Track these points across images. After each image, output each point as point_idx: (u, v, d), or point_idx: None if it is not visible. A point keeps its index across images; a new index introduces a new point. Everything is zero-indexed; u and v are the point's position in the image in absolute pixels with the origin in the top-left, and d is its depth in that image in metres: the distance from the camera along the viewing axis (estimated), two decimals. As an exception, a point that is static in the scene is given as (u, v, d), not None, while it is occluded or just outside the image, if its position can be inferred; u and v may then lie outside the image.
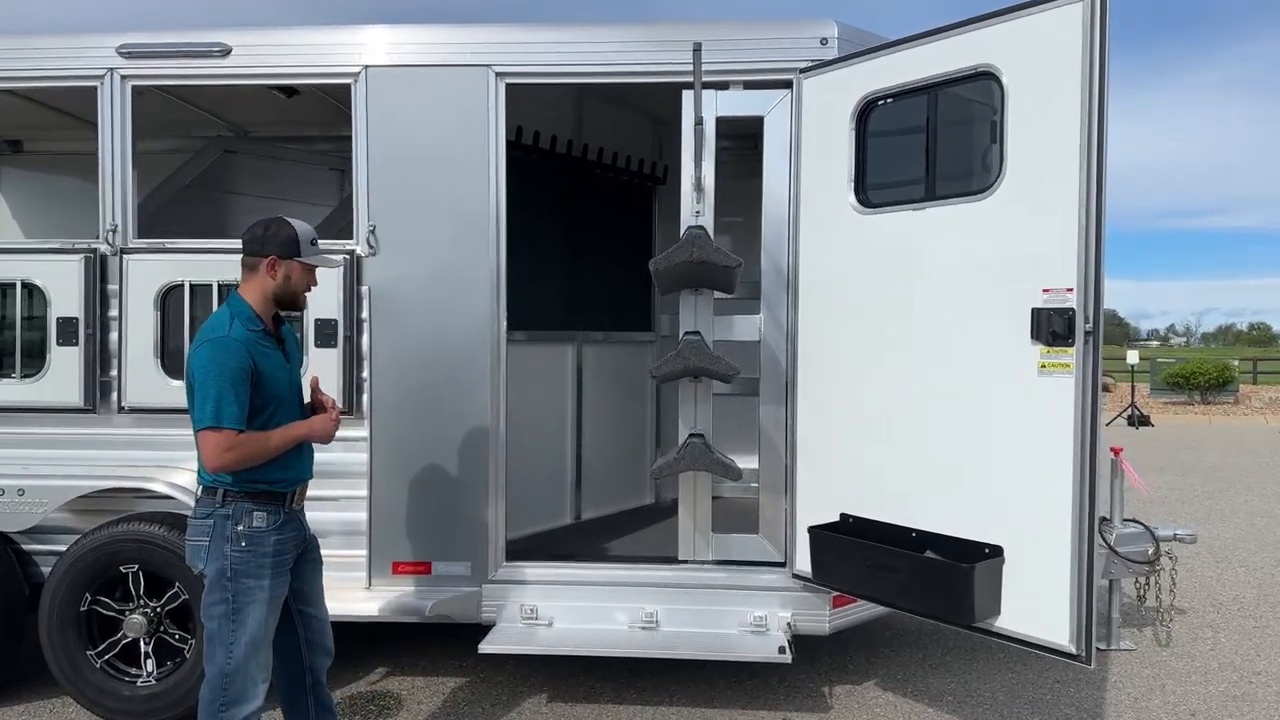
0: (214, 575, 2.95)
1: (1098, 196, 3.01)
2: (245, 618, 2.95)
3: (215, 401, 2.83)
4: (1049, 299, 3.12)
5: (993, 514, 3.29)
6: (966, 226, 3.37)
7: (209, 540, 2.96)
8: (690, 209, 4.12)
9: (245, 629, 2.95)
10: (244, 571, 2.95)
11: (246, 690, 2.97)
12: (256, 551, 2.97)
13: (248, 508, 2.97)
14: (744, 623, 4.09)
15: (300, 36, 4.20)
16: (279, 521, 3.03)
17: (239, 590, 2.94)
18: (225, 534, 2.95)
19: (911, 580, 3.36)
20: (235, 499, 2.96)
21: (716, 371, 3.72)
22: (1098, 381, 3.05)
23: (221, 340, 2.90)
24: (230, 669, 2.94)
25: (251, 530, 2.96)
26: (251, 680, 2.98)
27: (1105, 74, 2.99)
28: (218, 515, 2.96)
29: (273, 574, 3.01)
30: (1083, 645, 3.08)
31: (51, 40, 4.28)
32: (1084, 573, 3.06)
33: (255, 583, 2.96)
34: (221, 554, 2.94)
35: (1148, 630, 5.45)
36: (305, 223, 3.17)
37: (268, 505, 3.01)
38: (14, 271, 4.25)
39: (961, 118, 3.51)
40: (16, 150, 6.30)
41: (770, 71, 4.06)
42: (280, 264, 3.04)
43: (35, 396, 4.22)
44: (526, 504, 5.20)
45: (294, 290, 3.09)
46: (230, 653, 2.94)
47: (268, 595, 2.99)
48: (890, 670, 4.78)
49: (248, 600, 2.95)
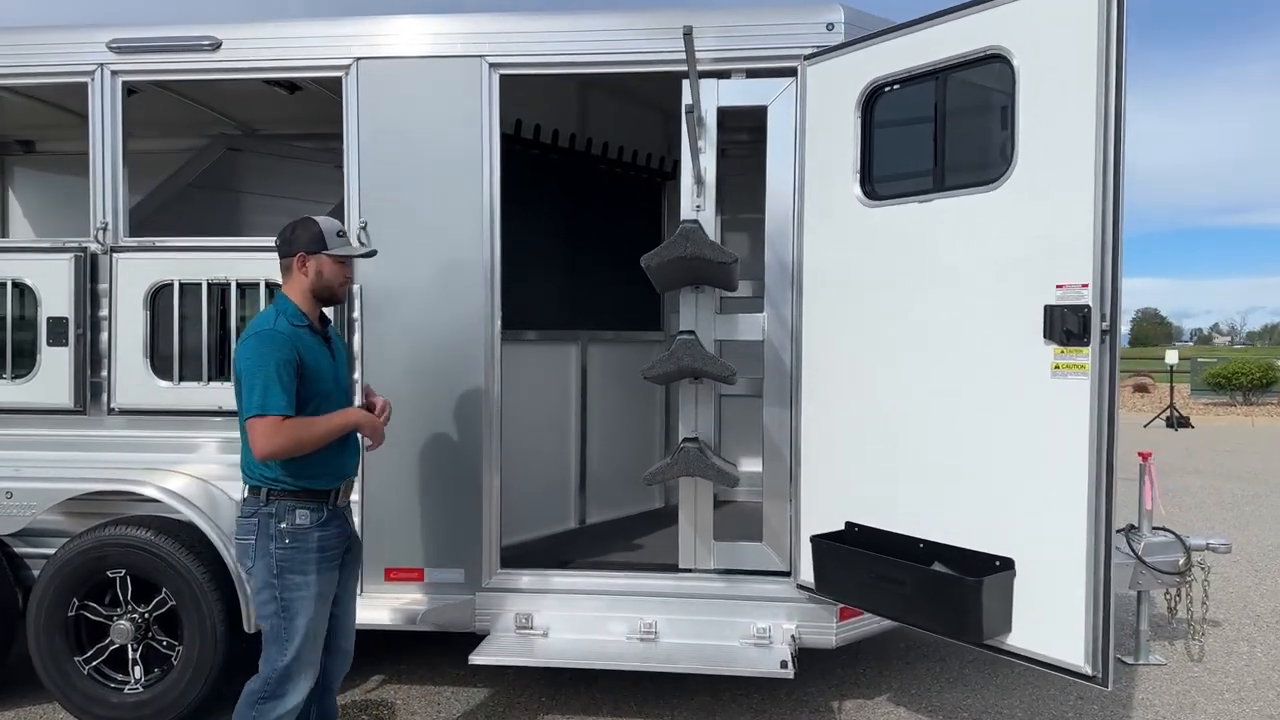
0: (262, 573, 2.98)
1: (1115, 186, 2.81)
2: (295, 614, 2.97)
3: (262, 391, 2.85)
4: (1063, 295, 2.92)
5: (1004, 525, 3.09)
6: (976, 219, 3.17)
7: (255, 539, 2.99)
8: (690, 203, 3.96)
9: (297, 626, 2.97)
10: (290, 568, 2.97)
11: (293, 687, 2.99)
12: (301, 548, 2.98)
13: (290, 505, 2.98)
14: (746, 635, 3.92)
15: (290, 29, 4.10)
16: (322, 518, 3.04)
17: (286, 587, 2.96)
18: (270, 532, 2.97)
19: (917, 594, 3.17)
20: (279, 497, 2.98)
21: (711, 372, 3.56)
22: (1115, 384, 2.85)
23: (266, 333, 2.94)
24: (282, 666, 2.97)
25: (295, 528, 2.98)
26: (298, 677, 3.00)
27: (1123, 55, 2.79)
28: (262, 514, 2.99)
29: (319, 570, 3.01)
30: (1099, 665, 2.87)
31: (42, 36, 4.22)
32: (1100, 587, 2.86)
33: (302, 579, 2.98)
34: (267, 552, 2.97)
35: (1179, 644, 5.19)
36: (331, 218, 3.18)
37: (310, 503, 3.01)
38: (4, 271, 4.19)
39: (971, 104, 3.31)
40: (29, 150, 6.28)
41: (773, 59, 3.89)
42: (309, 260, 3.07)
43: (26, 397, 4.16)
44: (528, 508, 5.07)
45: (328, 284, 3.11)
46: (284, 650, 2.96)
47: (315, 592, 3.00)
48: (904, 684, 4.59)
49: (296, 597, 2.97)
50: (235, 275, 4.08)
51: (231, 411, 4.02)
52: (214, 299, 4.09)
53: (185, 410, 4.09)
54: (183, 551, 3.85)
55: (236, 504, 4.00)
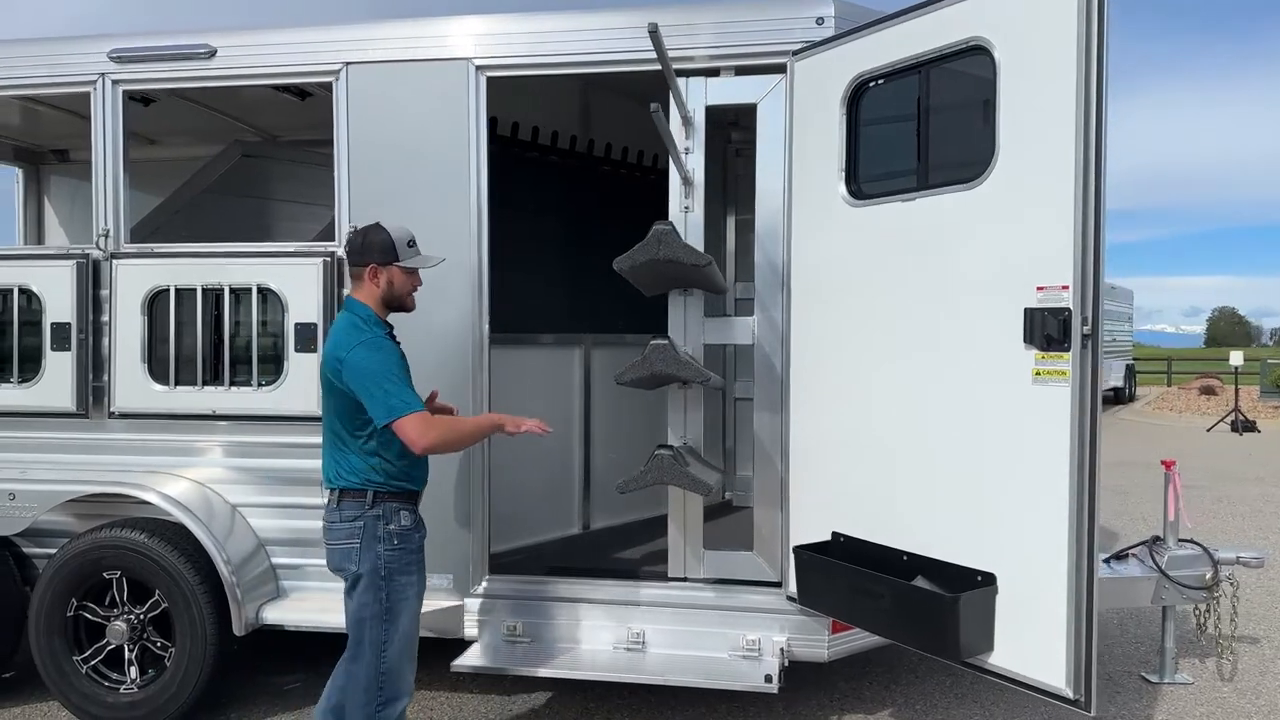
0: (368, 576, 3.00)
1: (1096, 183, 2.66)
2: (399, 614, 3.04)
3: (396, 393, 2.92)
4: (1043, 298, 2.77)
5: (986, 538, 2.96)
6: (958, 218, 3.04)
7: (359, 542, 3.01)
8: (678, 204, 3.89)
9: (399, 626, 3.03)
10: (397, 569, 3.03)
11: (400, 685, 3.06)
12: (407, 549, 3.06)
13: (395, 507, 3.05)
14: (736, 646, 3.83)
15: (282, 36, 4.12)
16: (416, 519, 3.14)
17: (393, 589, 3.02)
18: (377, 534, 3.01)
19: (895, 609, 3.04)
20: (384, 499, 3.03)
21: (684, 376, 3.47)
22: (1097, 391, 2.69)
23: (374, 340, 3.00)
24: (385, 667, 3.01)
25: (401, 529, 3.05)
26: (404, 676, 3.08)
27: (1103, 43, 2.64)
28: (368, 516, 3.02)
29: (419, 570, 3.12)
30: (1081, 688, 2.72)
31: (48, 47, 4.31)
32: (1082, 606, 2.71)
33: (408, 579, 3.06)
34: (374, 554, 3.00)
35: (1210, 662, 4.94)
36: (402, 225, 3.19)
37: (409, 504, 3.11)
38: (11, 277, 4.29)
39: (954, 99, 3.17)
40: (63, 159, 6.47)
41: (763, 55, 3.79)
42: (381, 271, 3.10)
43: (31, 401, 4.25)
44: (532, 513, 5.03)
45: (398, 295, 3.16)
46: (384, 651, 3.01)
47: (417, 590, 3.11)
48: (910, 699, 4.43)
49: (402, 597, 3.04)
50: (228, 280, 4.11)
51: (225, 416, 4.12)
52: (209, 304, 4.13)
53: (181, 414, 4.14)
54: (174, 554, 3.90)
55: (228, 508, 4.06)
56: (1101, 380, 2.73)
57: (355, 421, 3.03)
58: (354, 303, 3.13)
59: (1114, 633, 5.44)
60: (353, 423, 3.03)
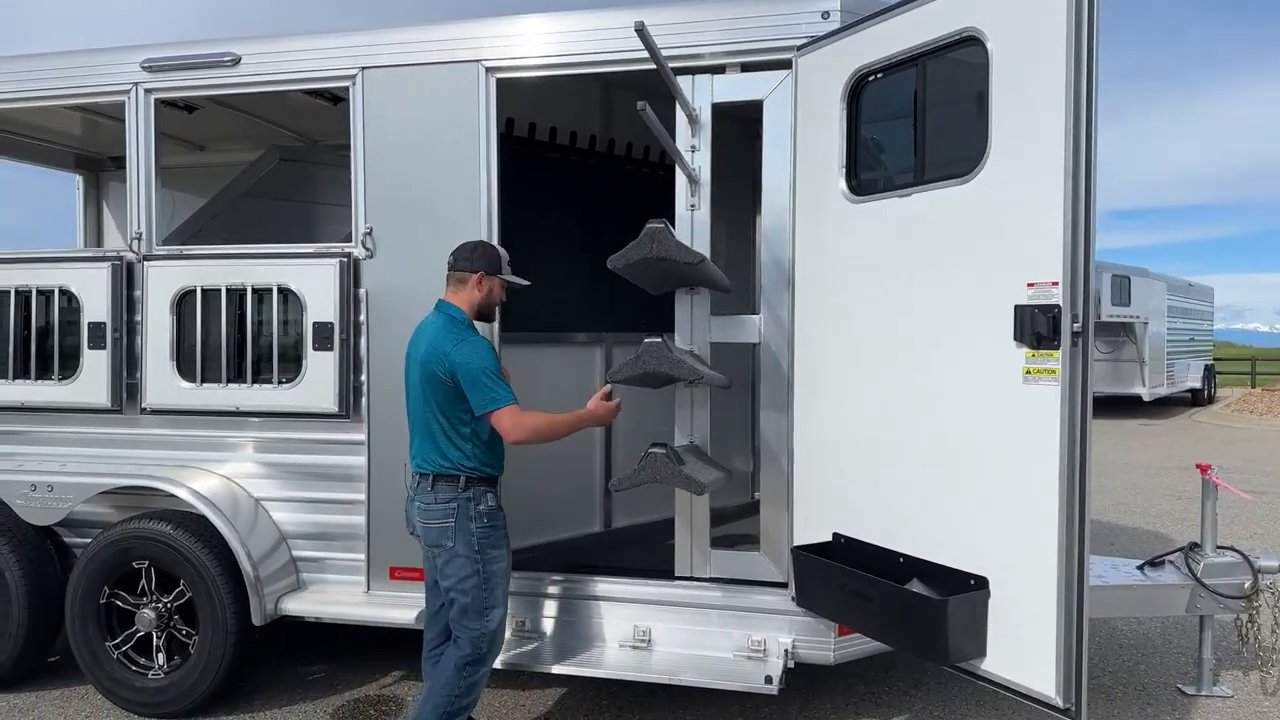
0: (464, 551, 3.36)
1: (1087, 177, 2.58)
2: (495, 585, 3.40)
3: (496, 387, 3.27)
4: (1034, 295, 2.70)
5: (978, 542, 2.89)
6: (952, 213, 2.97)
7: (454, 521, 3.36)
8: (685, 202, 3.88)
9: (498, 595, 3.41)
10: (489, 544, 3.39)
11: (495, 649, 3.47)
12: (495, 526, 3.42)
13: (483, 490, 3.41)
14: (741, 647, 3.80)
15: (302, 43, 4.23)
16: (499, 500, 3.49)
17: (487, 561, 3.38)
18: (470, 514, 3.36)
19: (885, 611, 2.99)
20: (475, 483, 3.39)
21: (677, 375, 3.46)
22: (1087, 390, 2.61)
23: (476, 340, 3.38)
24: (488, 630, 3.39)
25: (489, 509, 3.41)
26: (499, 639, 3.48)
27: (1094, 33, 2.56)
28: (461, 499, 3.36)
29: (507, 545, 3.48)
30: (1071, 696, 2.63)
31: (85, 59, 4.50)
32: (1073, 611, 2.62)
33: (498, 553, 3.42)
34: (468, 532, 3.35)
35: (1254, 676, 4.73)
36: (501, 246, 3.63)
37: (493, 488, 3.47)
38: (52, 279, 4.49)
39: (951, 92, 3.10)
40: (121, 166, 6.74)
41: (768, 51, 3.76)
42: (486, 280, 3.49)
43: (71, 397, 4.45)
44: (553, 511, 5.07)
45: (493, 303, 3.55)
46: (488, 616, 3.38)
47: (507, 563, 3.47)
48: (930, 704, 4.34)
49: (495, 570, 3.40)
50: (251, 281, 4.24)
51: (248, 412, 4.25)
52: (233, 304, 4.26)
53: (207, 410, 4.29)
54: (198, 545, 4.04)
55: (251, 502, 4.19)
56: (1092, 379, 2.64)
57: (454, 412, 3.35)
58: (449, 305, 3.47)
59: (1155, 642, 5.24)
60: (452, 413, 3.35)
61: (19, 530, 4.32)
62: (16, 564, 4.26)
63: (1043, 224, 2.66)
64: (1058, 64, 2.60)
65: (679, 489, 3.65)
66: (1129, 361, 18.09)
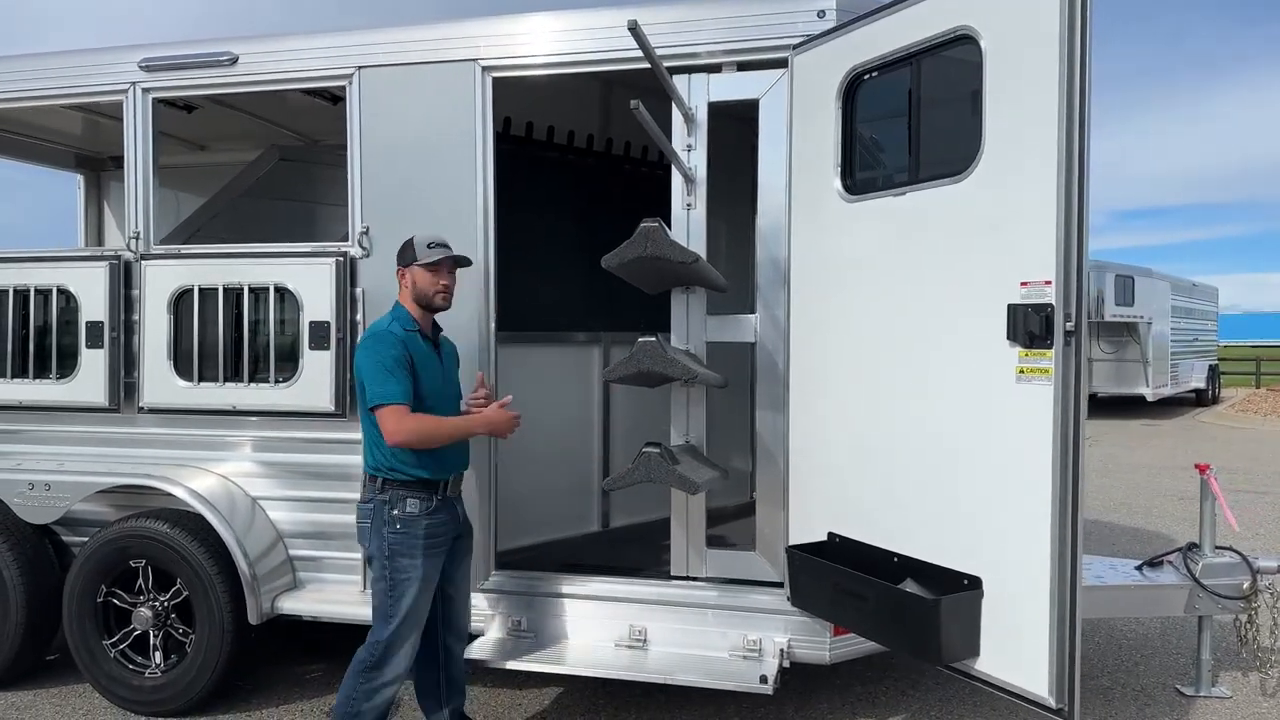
0: (375, 555, 3.31)
1: (1080, 176, 2.57)
2: (403, 595, 3.28)
3: (381, 383, 3.20)
4: (1027, 294, 2.69)
5: (972, 541, 2.88)
6: (946, 212, 2.96)
7: (370, 523, 3.32)
8: (680, 202, 3.88)
9: (402, 605, 3.28)
10: (400, 552, 3.28)
11: (395, 660, 3.32)
12: (410, 534, 3.29)
13: (402, 495, 3.29)
14: (737, 646, 3.79)
15: (298, 42, 4.23)
16: (431, 508, 3.33)
17: (396, 569, 3.28)
18: (384, 517, 3.29)
19: (878, 611, 2.99)
20: (393, 487, 3.30)
21: (672, 375, 3.46)
22: (1080, 390, 2.60)
23: (379, 334, 3.31)
24: (386, 638, 3.29)
25: (406, 515, 3.29)
26: (402, 652, 3.33)
27: (1087, 31, 2.55)
28: (377, 501, 3.31)
29: (425, 555, 3.31)
30: (1064, 697, 2.63)
31: (84, 58, 4.50)
32: (1065, 611, 2.62)
33: (410, 562, 3.28)
34: (380, 536, 3.29)
35: (1253, 677, 4.71)
36: (431, 231, 3.55)
37: (420, 493, 3.32)
38: (51, 278, 4.50)
39: (945, 90, 3.09)
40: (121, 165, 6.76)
41: (764, 50, 3.75)
42: (406, 272, 3.45)
43: (69, 396, 4.46)
44: (549, 510, 5.07)
45: (422, 292, 3.43)
46: (388, 624, 3.28)
47: (420, 575, 3.30)
48: (926, 705, 4.34)
49: (403, 578, 3.28)
50: (248, 280, 4.24)
51: (245, 411, 4.25)
52: (229, 303, 4.26)
53: (204, 409, 4.29)
54: (194, 544, 4.04)
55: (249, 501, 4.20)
56: (1086, 379, 2.63)
57: (367, 412, 3.31)
58: (396, 305, 3.47)
59: (1154, 643, 5.23)
60: (366, 413, 3.33)
61: (17, 529, 4.33)
62: (14, 562, 4.27)
63: (1036, 223, 2.65)
64: (1051, 63, 2.60)
65: (674, 489, 3.65)
66: (1132, 362, 18.04)
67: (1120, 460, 12.67)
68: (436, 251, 3.44)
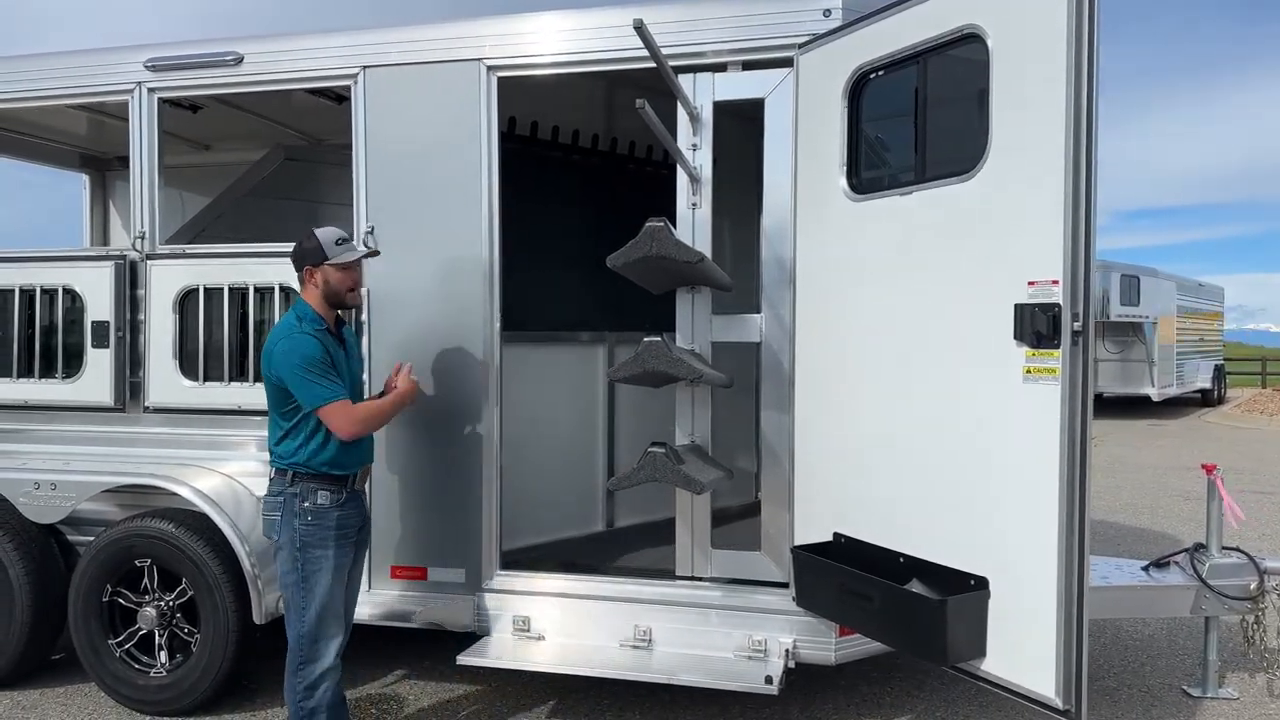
0: (286, 546, 3.33)
1: (1087, 175, 2.56)
2: (315, 585, 3.31)
3: (317, 384, 3.23)
4: (1034, 293, 2.68)
5: (978, 542, 2.87)
6: (953, 211, 2.95)
7: (280, 515, 3.34)
8: (686, 201, 3.88)
9: (315, 595, 3.31)
10: (311, 543, 3.31)
11: (319, 650, 3.34)
12: (321, 525, 3.32)
13: (313, 487, 3.33)
14: (741, 647, 3.79)
15: (304, 42, 4.24)
16: (341, 500, 3.38)
17: (307, 560, 3.31)
18: (294, 509, 3.32)
19: (884, 611, 2.98)
20: (303, 479, 3.33)
21: (677, 375, 3.45)
22: (1088, 390, 2.59)
23: (296, 336, 3.29)
24: (304, 631, 3.32)
25: (316, 507, 3.32)
26: (325, 640, 3.35)
27: (1094, 30, 2.54)
28: (288, 493, 3.33)
29: (336, 545, 3.35)
30: (1071, 698, 2.62)
31: (90, 58, 4.51)
32: (1073, 611, 2.61)
33: (321, 553, 3.32)
34: (291, 528, 3.31)
35: (1260, 678, 4.69)
36: (333, 227, 3.46)
37: (330, 485, 3.36)
38: (56, 278, 4.51)
39: (951, 89, 3.08)
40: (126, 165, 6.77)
41: (770, 50, 3.75)
42: (315, 271, 3.38)
43: (74, 396, 4.47)
44: (554, 511, 5.07)
45: (334, 291, 3.40)
46: (304, 617, 3.32)
47: (333, 565, 3.34)
48: (932, 705, 4.33)
49: (315, 569, 3.31)
50: (253, 280, 4.25)
51: (250, 411, 4.25)
52: (235, 302, 4.27)
53: (209, 409, 4.30)
54: (200, 544, 4.04)
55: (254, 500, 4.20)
56: (1093, 379, 2.62)
57: (279, 407, 3.35)
58: (300, 303, 3.43)
59: (1161, 644, 5.22)
60: (277, 409, 3.35)
61: (23, 528, 4.33)
62: (20, 562, 4.28)
63: (1043, 222, 2.64)
64: (1058, 61, 2.59)
65: (679, 488, 3.64)
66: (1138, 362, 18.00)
67: (1126, 460, 12.64)
68: (348, 249, 3.41)
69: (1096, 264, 3.23)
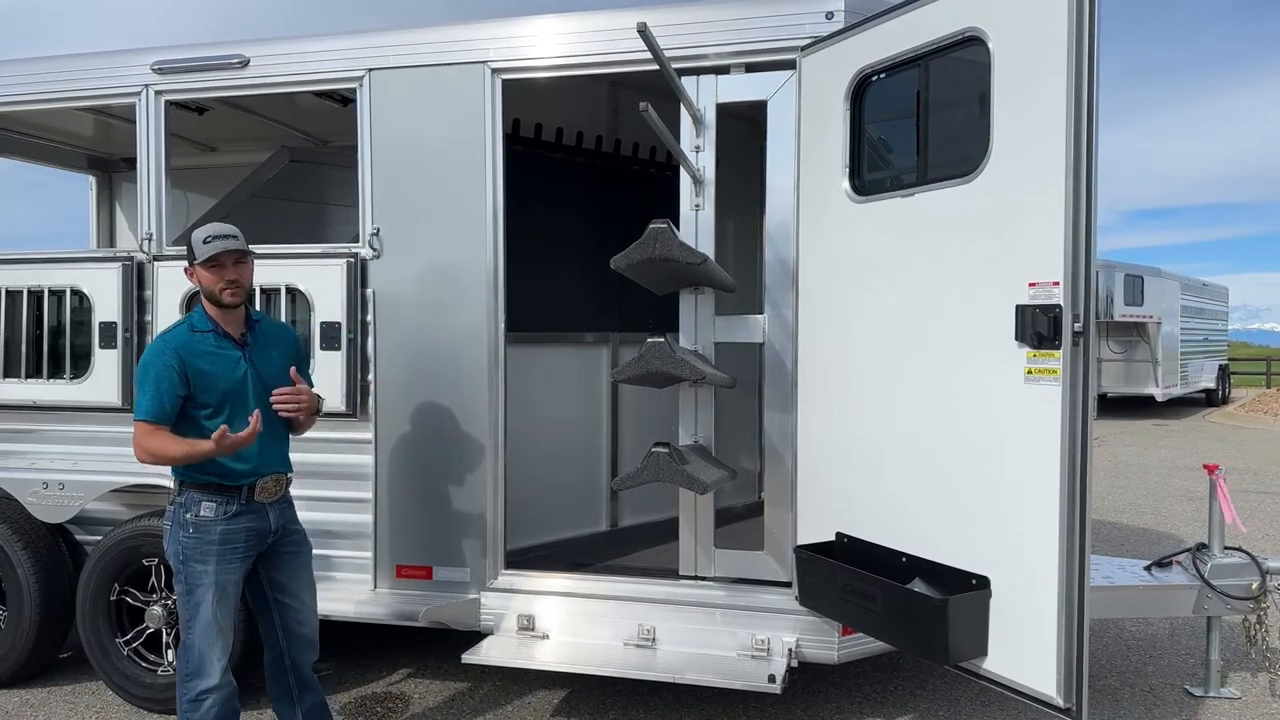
0: (171, 558, 3.23)
1: (1088, 177, 2.58)
2: (197, 600, 3.17)
3: (143, 393, 3.10)
4: (1035, 294, 2.70)
5: (980, 541, 2.89)
6: (955, 213, 2.97)
7: (170, 526, 3.24)
8: (689, 203, 3.90)
9: (198, 610, 3.17)
10: (191, 557, 3.17)
11: (203, 666, 3.18)
12: (203, 539, 3.17)
13: (197, 498, 3.19)
14: (745, 646, 3.80)
15: (310, 45, 4.25)
16: (229, 513, 3.21)
17: (189, 574, 3.18)
18: (179, 521, 3.20)
19: (886, 610, 3.00)
20: (189, 489, 3.20)
21: (681, 375, 3.47)
22: (1089, 391, 2.61)
23: (155, 342, 3.21)
24: (189, 643, 3.19)
25: (199, 519, 3.18)
26: (207, 658, 3.18)
27: (1095, 33, 2.56)
28: (176, 504, 3.23)
29: (218, 561, 3.18)
30: (1073, 697, 2.63)
31: (97, 61, 4.54)
32: (1074, 610, 2.63)
33: (202, 568, 3.17)
34: (176, 540, 3.20)
35: (1263, 678, 4.70)
36: (217, 223, 3.33)
37: (217, 496, 3.20)
38: (64, 279, 4.54)
39: (953, 91, 3.10)
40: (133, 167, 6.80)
41: (772, 52, 3.77)
42: (193, 273, 3.26)
43: (81, 396, 4.49)
44: (558, 510, 5.09)
45: (207, 290, 3.24)
46: (190, 629, 3.19)
47: (213, 580, 3.17)
48: (935, 704, 4.34)
49: (196, 584, 3.17)
50: (260, 281, 4.24)
51: (255, 411, 4.26)
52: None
53: (216, 409, 4.31)
54: (206, 543, 4.06)
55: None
56: (1094, 380, 2.64)
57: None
58: (197, 305, 3.32)
59: (1163, 643, 5.23)
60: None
61: (31, 528, 4.37)
62: (28, 561, 4.32)
63: (1044, 224, 2.66)
64: (1059, 64, 2.61)
65: (683, 488, 3.66)
66: (1142, 362, 17.99)
67: (1129, 460, 12.64)
68: (213, 245, 3.16)
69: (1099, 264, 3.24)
